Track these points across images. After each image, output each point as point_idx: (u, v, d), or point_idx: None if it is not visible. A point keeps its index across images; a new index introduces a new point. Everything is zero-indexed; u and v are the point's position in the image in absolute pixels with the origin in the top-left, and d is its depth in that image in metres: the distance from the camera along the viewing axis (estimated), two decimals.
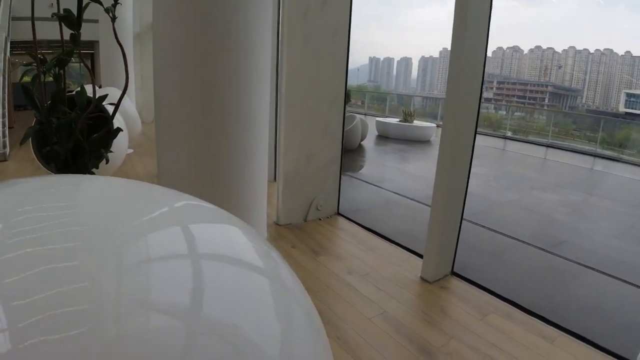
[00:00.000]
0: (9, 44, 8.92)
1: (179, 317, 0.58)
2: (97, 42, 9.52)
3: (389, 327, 2.39)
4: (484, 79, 2.75)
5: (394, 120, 11.13)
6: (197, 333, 0.57)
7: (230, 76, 2.79)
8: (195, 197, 0.87)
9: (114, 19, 1.72)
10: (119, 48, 2.07)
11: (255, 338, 0.63)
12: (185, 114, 2.84)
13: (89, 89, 2.18)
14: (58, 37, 1.92)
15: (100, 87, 6.12)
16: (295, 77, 3.57)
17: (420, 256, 3.21)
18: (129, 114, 6.23)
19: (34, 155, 3.71)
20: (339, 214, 4.14)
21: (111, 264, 0.61)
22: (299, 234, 3.65)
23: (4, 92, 7.76)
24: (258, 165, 3.15)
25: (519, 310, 2.61)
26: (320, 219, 3.99)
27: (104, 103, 2.32)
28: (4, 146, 6.76)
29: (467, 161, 2.77)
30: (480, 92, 2.73)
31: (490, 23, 2.65)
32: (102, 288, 0.57)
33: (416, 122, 10.75)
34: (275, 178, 4.94)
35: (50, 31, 1.93)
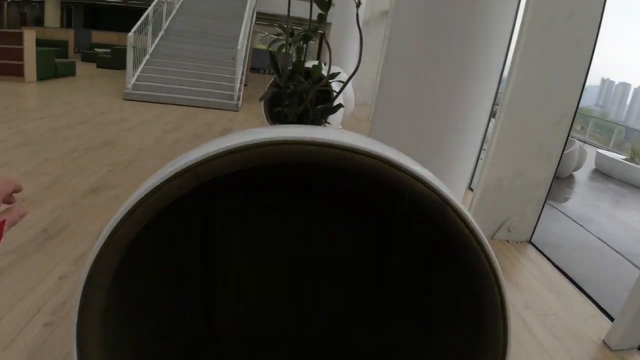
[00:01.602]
0: (255, 14, 10.31)
1: None
2: (330, 23, 10.29)
3: None
4: None
5: (618, 157, 9.60)
6: None
7: (463, 80, 2.76)
8: None
9: (358, 4, 1.83)
10: (351, 32, 2.22)
11: None
12: (404, 104, 2.92)
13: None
14: (296, 14, 2.17)
15: (325, 65, 6.67)
16: (521, 87, 3.35)
17: (610, 317, 2.80)
18: (346, 94, 6.67)
19: (264, 112, 4.25)
20: (530, 242, 3.81)
21: None
22: None
23: (246, 55, 9.09)
24: (463, 171, 3.08)
25: None
26: (508, 241, 3.74)
27: (331, 80, 2.56)
28: (238, 99, 8.00)
29: None
30: None
31: None
32: None
33: None
34: (470, 185, 4.77)
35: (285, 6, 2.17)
